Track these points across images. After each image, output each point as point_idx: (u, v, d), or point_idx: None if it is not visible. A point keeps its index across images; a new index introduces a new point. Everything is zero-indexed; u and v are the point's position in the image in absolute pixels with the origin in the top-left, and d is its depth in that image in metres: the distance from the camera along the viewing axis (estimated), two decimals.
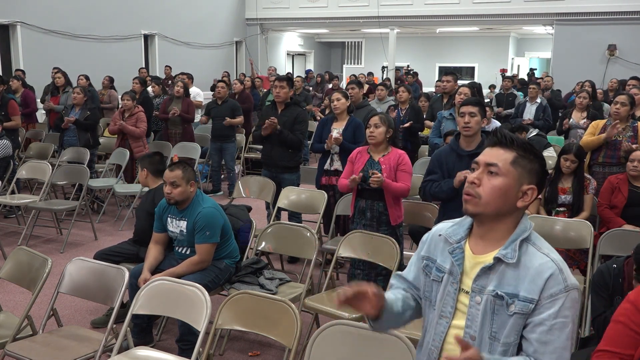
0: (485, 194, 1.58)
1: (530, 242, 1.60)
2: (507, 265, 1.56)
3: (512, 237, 1.59)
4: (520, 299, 1.53)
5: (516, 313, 1.53)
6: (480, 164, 1.63)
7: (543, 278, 1.52)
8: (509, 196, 1.59)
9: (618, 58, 13.18)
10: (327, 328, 2.19)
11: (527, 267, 1.55)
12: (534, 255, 1.57)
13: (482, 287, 1.59)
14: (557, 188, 4.44)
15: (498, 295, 1.56)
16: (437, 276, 1.69)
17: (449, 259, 1.66)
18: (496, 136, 1.64)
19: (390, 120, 3.88)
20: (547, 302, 1.51)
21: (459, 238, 1.67)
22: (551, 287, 1.51)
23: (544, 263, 1.54)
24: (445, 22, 15.40)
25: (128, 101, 6.71)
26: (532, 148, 1.63)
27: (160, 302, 2.76)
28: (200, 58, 14.70)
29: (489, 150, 1.64)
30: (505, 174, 1.58)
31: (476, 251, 1.64)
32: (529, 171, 1.60)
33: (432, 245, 1.75)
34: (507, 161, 1.58)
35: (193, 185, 3.50)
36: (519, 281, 1.54)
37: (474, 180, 1.60)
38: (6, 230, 6.01)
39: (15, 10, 10.27)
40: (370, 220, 3.88)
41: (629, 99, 4.98)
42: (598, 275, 2.82)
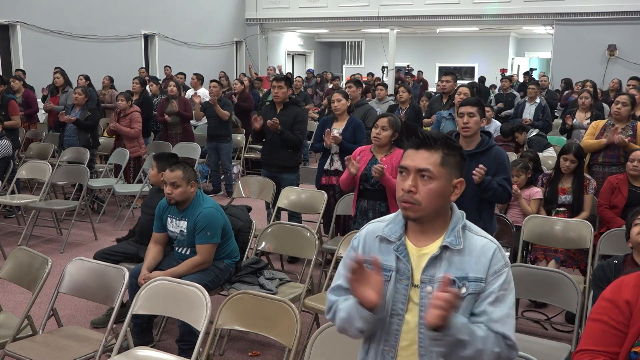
0: (424, 200, 1.63)
1: (467, 228, 1.69)
2: (453, 252, 1.64)
3: (452, 226, 1.67)
4: (470, 280, 1.61)
5: (470, 294, 1.61)
6: (411, 170, 1.65)
7: (487, 257, 1.63)
8: (444, 195, 1.65)
9: (618, 58, 13.18)
10: (327, 328, 2.19)
11: (470, 250, 1.64)
12: (473, 239, 1.66)
13: (431, 277, 1.63)
14: (557, 188, 4.44)
15: (450, 280, 1.59)
16: (382, 276, 1.66)
17: (392, 256, 1.69)
18: (419, 138, 1.66)
19: (397, 123, 3.87)
20: (492, 278, 1.62)
21: (398, 235, 1.70)
22: (495, 264, 1.63)
23: (485, 244, 1.65)
24: (445, 22, 15.40)
25: (122, 102, 6.73)
26: (452, 142, 1.68)
27: (160, 302, 2.76)
28: (200, 58, 14.70)
29: (414, 153, 1.66)
30: (438, 177, 1.63)
31: (418, 245, 1.68)
32: (455, 166, 1.67)
33: (367, 247, 1.75)
34: (437, 163, 1.63)
35: (193, 185, 3.50)
36: (466, 264, 1.63)
37: (411, 188, 1.63)
38: (6, 230, 6.01)
39: (15, 10, 10.27)
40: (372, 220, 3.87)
41: (629, 99, 4.98)
42: (599, 269, 2.83)
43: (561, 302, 2.97)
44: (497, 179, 3.35)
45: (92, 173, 6.38)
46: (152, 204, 3.98)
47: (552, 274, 2.97)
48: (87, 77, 8.79)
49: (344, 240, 3.62)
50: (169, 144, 7.24)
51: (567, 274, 2.94)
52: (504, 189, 3.36)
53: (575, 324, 2.91)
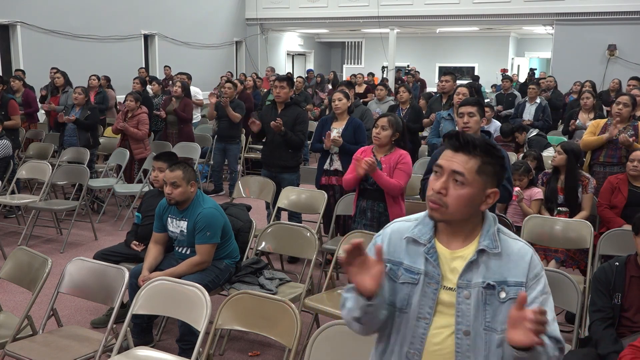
0: (452, 204, 1.58)
1: (501, 231, 1.65)
2: (490, 256, 1.59)
3: (486, 229, 1.63)
4: (510, 284, 1.57)
5: (510, 299, 1.56)
6: (445, 171, 1.59)
7: (526, 261, 1.59)
8: (475, 203, 1.60)
9: (618, 58, 13.18)
10: (327, 328, 2.19)
11: (508, 254, 1.60)
12: (509, 242, 1.63)
13: (468, 282, 1.59)
14: (557, 187, 4.44)
15: (489, 285, 1.57)
16: (410, 278, 1.64)
17: (421, 259, 1.63)
18: (459, 141, 1.60)
19: (398, 123, 3.86)
20: (533, 283, 1.58)
21: (429, 237, 1.65)
22: (534, 267, 1.60)
23: (522, 247, 1.62)
24: (445, 22, 15.40)
25: (131, 102, 6.69)
26: (495, 150, 1.61)
27: (160, 302, 2.76)
28: (200, 58, 14.71)
29: (452, 155, 1.60)
30: (472, 183, 1.57)
31: (451, 247, 1.64)
32: (492, 176, 1.61)
33: (392, 247, 1.69)
34: (473, 170, 1.57)
35: (193, 185, 3.50)
36: (504, 268, 1.59)
37: (441, 190, 1.58)
38: (6, 230, 6.01)
39: (15, 10, 10.27)
40: (370, 220, 3.88)
41: (631, 100, 4.97)
42: (600, 271, 2.82)
43: (561, 302, 2.97)
44: None
45: (92, 173, 6.38)
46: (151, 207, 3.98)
47: (552, 274, 2.97)
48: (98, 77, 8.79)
49: (344, 240, 3.62)
50: (168, 143, 7.24)
51: (567, 274, 2.94)
52: (504, 188, 3.36)
53: (575, 324, 2.91)
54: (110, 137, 7.68)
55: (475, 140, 1.59)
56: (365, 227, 3.84)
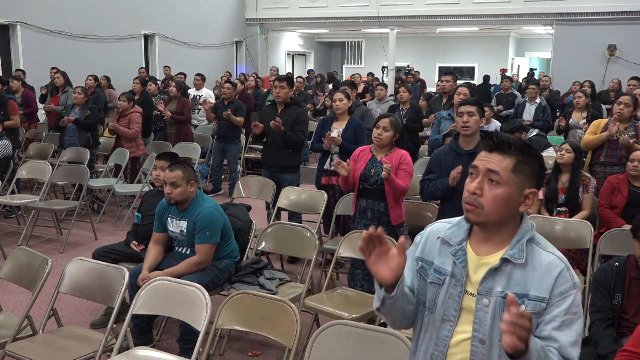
0: (487, 205, 1.54)
1: (535, 241, 1.58)
2: (515, 266, 1.54)
3: (517, 238, 1.56)
4: (530, 298, 1.52)
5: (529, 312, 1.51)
6: (480, 171, 1.56)
7: (552, 276, 1.52)
8: (511, 204, 1.55)
9: (618, 58, 13.18)
10: (327, 328, 2.19)
11: (534, 266, 1.53)
12: (540, 255, 1.55)
13: (489, 289, 1.55)
14: (557, 187, 4.44)
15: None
16: (437, 278, 1.64)
17: (450, 260, 1.62)
18: (493, 140, 1.57)
19: (398, 123, 3.87)
20: (557, 300, 1.50)
21: (460, 240, 1.63)
22: (561, 284, 1.51)
23: (552, 261, 1.54)
24: (445, 22, 15.40)
25: (124, 102, 6.74)
26: (531, 149, 1.57)
27: (160, 302, 2.76)
28: (200, 58, 14.71)
29: (487, 155, 1.57)
30: (507, 182, 1.53)
31: (479, 252, 1.60)
32: (529, 175, 1.56)
33: (427, 246, 1.70)
34: (508, 169, 1.53)
35: (193, 185, 3.50)
36: (528, 281, 1.53)
37: (476, 190, 1.55)
38: (6, 230, 6.01)
39: (15, 10, 10.27)
40: (371, 220, 3.88)
41: (632, 100, 4.96)
42: (600, 272, 2.82)
43: None
44: None
45: (92, 173, 6.38)
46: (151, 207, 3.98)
47: None
48: (96, 77, 8.79)
49: (344, 240, 3.62)
50: (168, 143, 7.25)
51: None
52: None
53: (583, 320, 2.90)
54: (110, 137, 7.68)
55: (509, 139, 1.56)
56: (365, 227, 3.84)
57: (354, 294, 3.53)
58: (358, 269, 3.88)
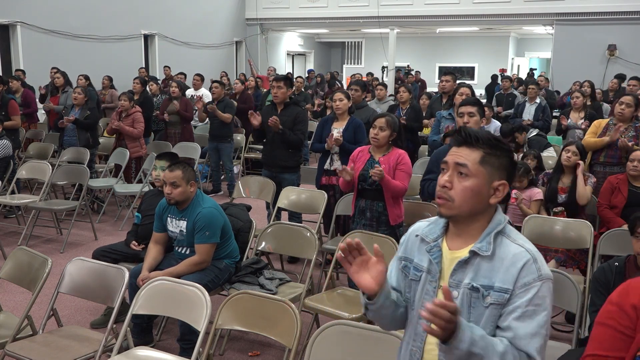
0: (457, 197, 1.59)
1: (505, 234, 1.62)
2: (482, 258, 1.58)
3: (487, 231, 1.61)
4: (495, 289, 1.55)
5: (492, 304, 1.55)
6: (450, 165, 1.62)
7: (517, 267, 1.54)
8: (481, 195, 1.60)
9: (618, 58, 13.18)
10: (327, 328, 2.19)
11: (501, 258, 1.57)
12: (508, 247, 1.58)
13: (458, 282, 1.59)
14: (557, 187, 4.44)
15: (474, 287, 1.57)
16: (415, 275, 1.68)
17: (426, 257, 1.67)
18: (461, 135, 1.63)
19: (395, 123, 3.87)
20: (520, 292, 1.53)
21: (435, 236, 1.68)
22: (525, 276, 1.53)
23: (518, 253, 1.56)
24: (445, 22, 15.40)
25: (125, 102, 6.75)
26: (499, 143, 1.63)
27: (160, 302, 2.76)
28: (200, 58, 14.71)
29: (456, 149, 1.63)
30: (475, 174, 1.59)
31: (452, 247, 1.65)
32: (498, 167, 1.61)
33: (409, 245, 1.75)
34: (476, 161, 1.59)
35: (193, 185, 3.50)
36: (494, 273, 1.56)
37: (446, 183, 1.60)
38: (6, 230, 6.01)
39: (15, 10, 10.27)
40: (370, 220, 3.88)
41: (634, 100, 4.95)
42: (600, 272, 2.82)
43: (561, 302, 2.97)
44: None
45: (92, 173, 6.38)
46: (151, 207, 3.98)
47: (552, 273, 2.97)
48: (87, 77, 8.79)
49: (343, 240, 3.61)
50: (169, 143, 7.26)
51: (567, 274, 2.94)
52: None
53: (575, 324, 2.91)
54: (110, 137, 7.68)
55: (477, 133, 1.62)
56: (364, 227, 3.84)
57: (354, 294, 3.52)
58: None
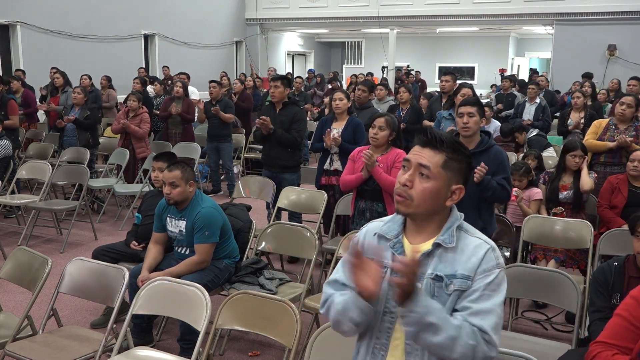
0: (417, 197, 1.63)
1: (463, 229, 1.68)
2: (446, 250, 1.63)
3: (448, 225, 1.66)
4: (458, 277, 1.60)
5: (456, 290, 1.60)
6: (412, 164, 1.65)
7: (478, 257, 1.61)
8: (439, 197, 1.64)
9: (618, 58, 13.18)
10: (327, 328, 2.19)
11: (462, 249, 1.63)
12: (467, 239, 1.66)
13: (421, 273, 1.62)
14: (559, 186, 4.44)
15: (437, 277, 1.61)
16: (382, 270, 1.67)
17: (388, 253, 1.69)
18: (427, 136, 1.65)
19: (394, 122, 3.87)
20: (480, 277, 1.60)
21: (396, 233, 1.71)
22: (485, 263, 1.61)
23: (478, 244, 1.64)
24: (445, 22, 15.40)
25: (134, 102, 6.72)
26: (461, 147, 1.67)
27: (160, 302, 2.76)
28: (200, 58, 14.71)
29: (420, 149, 1.66)
30: (436, 177, 1.62)
31: (415, 242, 1.68)
32: (457, 172, 1.65)
33: (366, 244, 1.73)
34: (438, 164, 1.63)
35: (192, 185, 3.50)
36: (456, 262, 1.62)
37: (406, 182, 1.64)
38: (6, 230, 6.01)
39: (15, 10, 10.27)
40: (369, 220, 3.87)
41: (635, 101, 4.95)
42: (599, 272, 2.82)
43: (561, 302, 2.97)
44: (496, 179, 3.36)
45: (92, 173, 6.38)
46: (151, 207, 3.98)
47: (552, 274, 2.97)
48: (90, 77, 8.80)
49: (344, 240, 3.62)
50: (169, 143, 7.25)
51: (567, 274, 2.94)
52: (503, 188, 3.37)
53: (575, 323, 2.91)
54: (110, 137, 7.68)
55: (442, 136, 1.65)
56: None
57: None
58: None
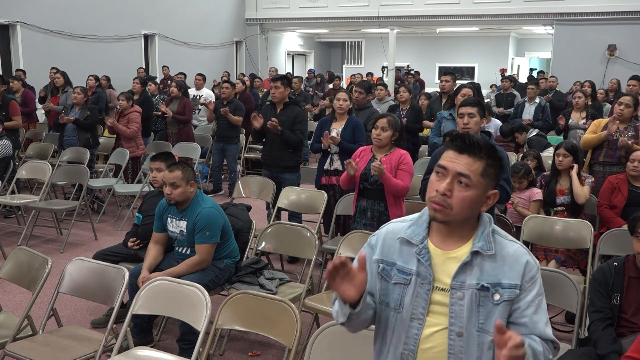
0: (456, 206, 1.58)
1: (496, 232, 1.65)
2: (484, 257, 1.60)
3: (481, 230, 1.63)
4: (504, 286, 1.58)
5: (504, 301, 1.58)
6: (450, 172, 1.60)
7: (521, 263, 1.60)
8: (477, 205, 1.62)
9: (618, 58, 13.18)
10: (327, 328, 2.19)
11: (502, 256, 1.60)
12: (504, 244, 1.63)
13: (462, 282, 1.59)
14: (556, 189, 4.44)
15: (483, 287, 1.57)
16: (402, 279, 1.65)
17: (413, 260, 1.65)
18: (465, 142, 1.61)
19: (397, 123, 3.88)
20: (529, 285, 1.59)
21: (421, 238, 1.66)
22: (529, 270, 1.60)
23: (517, 249, 1.62)
24: (445, 22, 15.39)
25: (123, 101, 6.76)
26: (496, 152, 1.63)
27: (160, 302, 2.76)
28: (200, 58, 14.70)
29: (457, 156, 1.61)
30: (476, 186, 1.59)
31: (444, 248, 1.64)
32: (493, 177, 1.63)
33: (386, 247, 1.71)
34: (478, 172, 1.59)
35: (193, 185, 3.50)
36: (498, 270, 1.59)
37: (445, 192, 1.58)
38: (6, 230, 6.01)
39: (15, 10, 10.27)
40: (370, 220, 3.88)
41: (633, 100, 4.95)
42: (599, 272, 2.83)
43: (561, 302, 2.97)
44: None
45: (92, 173, 6.38)
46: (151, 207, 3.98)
47: (552, 274, 2.97)
48: (96, 77, 8.79)
49: (344, 240, 3.62)
50: (169, 143, 7.26)
51: (567, 274, 2.94)
52: (502, 189, 3.36)
53: (575, 324, 2.91)
54: (110, 137, 7.68)
55: (480, 142, 1.61)
56: (365, 227, 3.84)
57: None
58: None
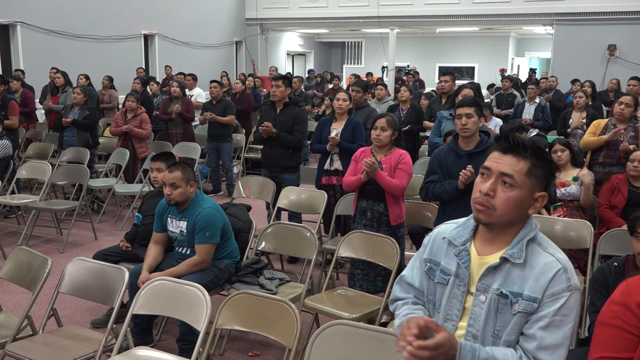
0: (500, 207, 1.55)
1: (536, 242, 1.59)
2: (513, 265, 1.55)
3: (519, 237, 1.58)
4: (524, 298, 1.53)
5: (519, 312, 1.53)
6: (494, 173, 1.56)
7: (547, 277, 1.52)
8: (522, 206, 1.56)
9: (618, 58, 13.17)
10: (327, 328, 2.19)
11: (532, 266, 1.54)
12: (539, 255, 1.56)
13: (486, 286, 1.57)
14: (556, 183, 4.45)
15: (502, 294, 1.55)
16: (442, 279, 1.66)
17: (454, 261, 1.64)
18: (509, 142, 1.56)
19: (396, 122, 3.88)
20: (549, 301, 1.51)
21: (464, 240, 1.64)
22: (554, 285, 1.51)
23: (549, 262, 1.54)
24: (445, 22, 15.39)
25: (132, 102, 6.73)
26: (544, 153, 1.58)
27: (160, 302, 2.76)
28: (200, 58, 14.70)
29: (501, 156, 1.56)
30: (521, 186, 1.54)
31: (482, 252, 1.62)
32: (541, 179, 1.57)
33: (435, 247, 1.72)
34: (522, 172, 1.54)
35: (193, 185, 3.50)
36: (524, 280, 1.54)
37: (489, 192, 1.55)
38: (6, 230, 6.01)
39: (15, 10, 10.26)
40: (370, 220, 3.88)
41: (633, 100, 4.95)
42: (599, 272, 2.82)
43: None
44: None
45: (92, 173, 6.38)
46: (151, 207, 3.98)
47: None
48: (87, 76, 8.79)
49: (344, 240, 3.62)
50: (169, 143, 7.25)
51: None
52: None
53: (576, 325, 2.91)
54: (110, 137, 7.68)
55: (525, 141, 1.56)
56: (365, 227, 3.84)
57: (354, 294, 3.53)
58: (358, 269, 3.88)
